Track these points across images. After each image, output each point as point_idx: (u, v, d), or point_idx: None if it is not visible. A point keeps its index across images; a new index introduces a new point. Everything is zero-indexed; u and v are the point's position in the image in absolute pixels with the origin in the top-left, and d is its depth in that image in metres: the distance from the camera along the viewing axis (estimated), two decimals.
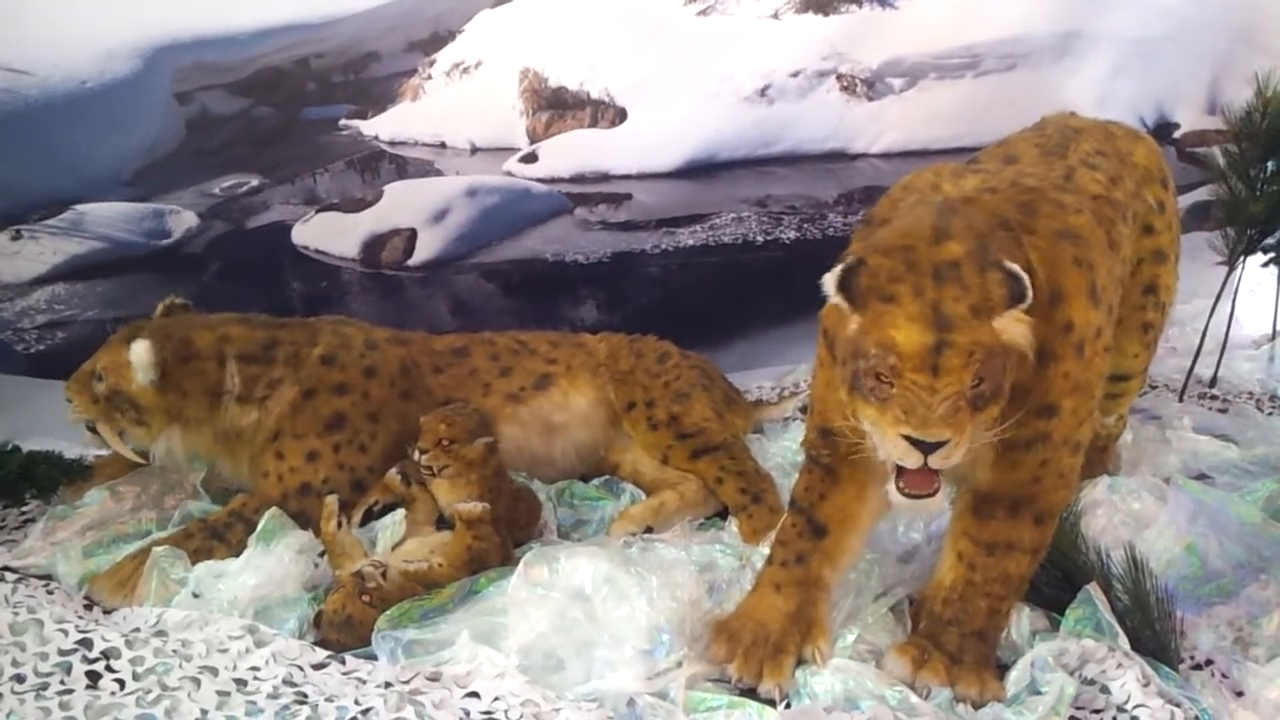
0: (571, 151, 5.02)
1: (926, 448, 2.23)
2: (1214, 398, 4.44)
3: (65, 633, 2.70)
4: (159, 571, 3.05)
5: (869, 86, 5.00)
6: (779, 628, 2.65)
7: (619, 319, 4.78)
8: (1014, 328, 2.25)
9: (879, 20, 4.92)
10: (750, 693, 2.56)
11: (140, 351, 3.36)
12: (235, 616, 2.84)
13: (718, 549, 3.17)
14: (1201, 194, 4.69)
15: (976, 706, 2.50)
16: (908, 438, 2.23)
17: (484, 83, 4.98)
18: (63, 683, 2.54)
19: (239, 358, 3.50)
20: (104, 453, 3.69)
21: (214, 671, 2.61)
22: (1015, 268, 2.23)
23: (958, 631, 2.61)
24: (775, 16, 4.92)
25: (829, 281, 2.31)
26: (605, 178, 5.05)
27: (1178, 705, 2.40)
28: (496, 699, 2.53)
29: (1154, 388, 4.47)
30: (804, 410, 3.96)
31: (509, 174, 5.02)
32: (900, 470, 2.34)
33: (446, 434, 3.24)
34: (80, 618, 2.84)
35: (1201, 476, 3.53)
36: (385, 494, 3.45)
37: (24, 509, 3.61)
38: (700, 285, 5.09)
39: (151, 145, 4.84)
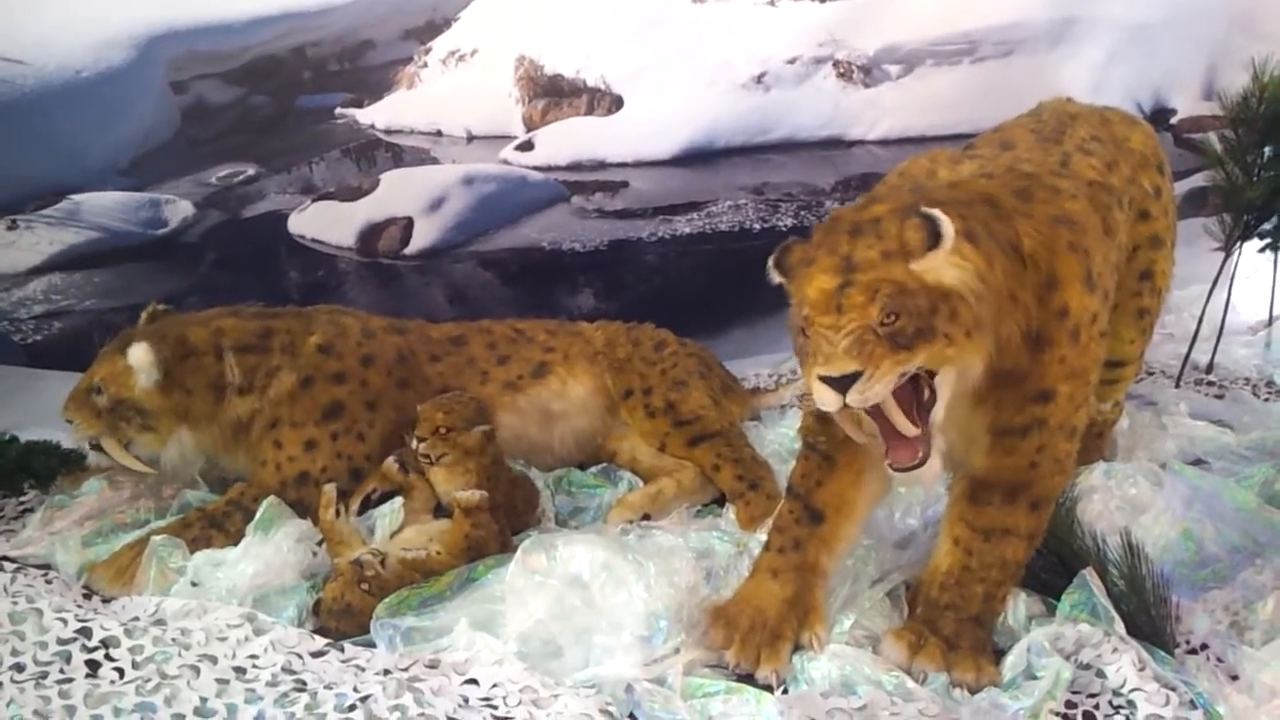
0: (568, 139, 5.02)
1: (839, 384, 2.23)
2: (1210, 383, 4.44)
3: (64, 622, 2.70)
4: (157, 560, 3.05)
5: (866, 73, 5.00)
6: (776, 614, 2.66)
7: (616, 307, 4.78)
8: (947, 271, 2.26)
9: (875, 6, 4.92)
10: (748, 678, 2.57)
11: (140, 353, 3.35)
12: (234, 605, 2.84)
13: (715, 536, 3.17)
14: (1198, 180, 4.68)
15: (972, 691, 2.51)
16: (822, 379, 2.25)
17: (480, 70, 4.98)
18: (62, 671, 2.55)
19: (235, 349, 3.50)
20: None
21: (213, 660, 2.61)
22: (934, 213, 2.24)
23: (954, 617, 2.62)
24: (771, 3, 4.91)
25: (769, 264, 2.41)
26: (602, 165, 5.04)
27: (1173, 689, 2.41)
28: (495, 685, 2.54)
29: (1150, 374, 4.47)
30: (801, 397, 3.97)
31: (505, 162, 5.02)
32: (888, 448, 2.37)
33: (444, 422, 3.25)
34: (79, 607, 2.85)
35: (1198, 462, 3.54)
36: (383, 482, 3.46)
37: (22, 499, 3.62)
38: (697, 273, 5.10)
39: (147, 134, 4.83)
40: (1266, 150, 4.05)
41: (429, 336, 3.82)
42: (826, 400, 2.27)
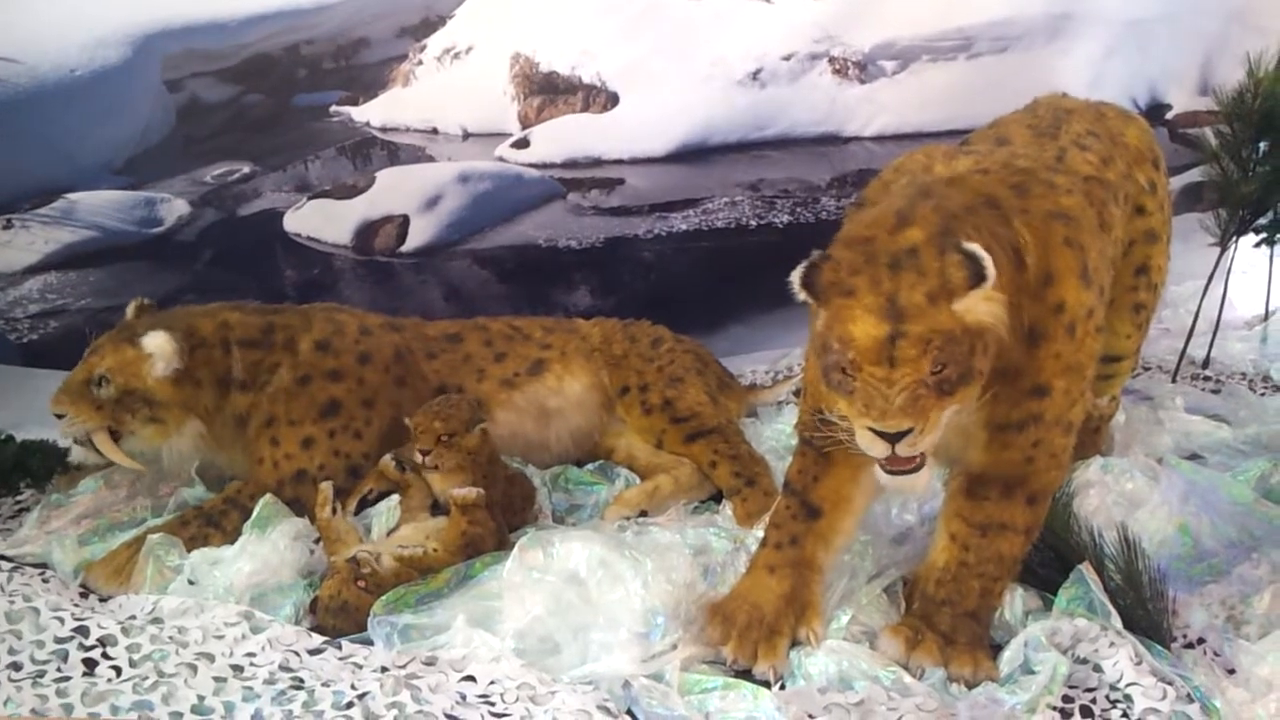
0: (563, 136, 5.01)
1: (891, 438, 2.25)
2: (1206, 378, 4.45)
3: (61, 620, 2.71)
4: (154, 559, 3.05)
5: (861, 69, 5.00)
6: (773, 610, 2.66)
7: (612, 304, 4.78)
8: (982, 307, 2.24)
9: (871, 2, 4.92)
10: (745, 674, 2.57)
11: (161, 341, 3.33)
12: (231, 603, 2.84)
13: (712, 532, 3.18)
14: (1194, 175, 4.69)
15: (970, 686, 2.51)
16: (872, 429, 2.25)
17: (475, 68, 4.97)
18: (59, 670, 2.55)
19: (240, 343, 3.49)
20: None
21: (210, 658, 2.61)
22: (974, 248, 2.21)
23: (951, 612, 2.62)
24: None
25: (794, 278, 2.32)
26: (597, 163, 5.04)
27: (1170, 683, 2.42)
28: (492, 682, 2.54)
29: (1147, 369, 4.48)
30: (797, 394, 3.97)
31: (501, 160, 5.02)
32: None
33: (444, 429, 3.22)
34: (76, 605, 2.85)
35: (1194, 456, 3.54)
36: (380, 482, 3.46)
37: (19, 498, 3.62)
38: (693, 270, 5.09)
39: (142, 133, 4.83)
40: (1262, 145, 4.05)
41: (425, 334, 3.82)
42: (876, 450, 2.29)
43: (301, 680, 2.55)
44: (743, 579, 2.80)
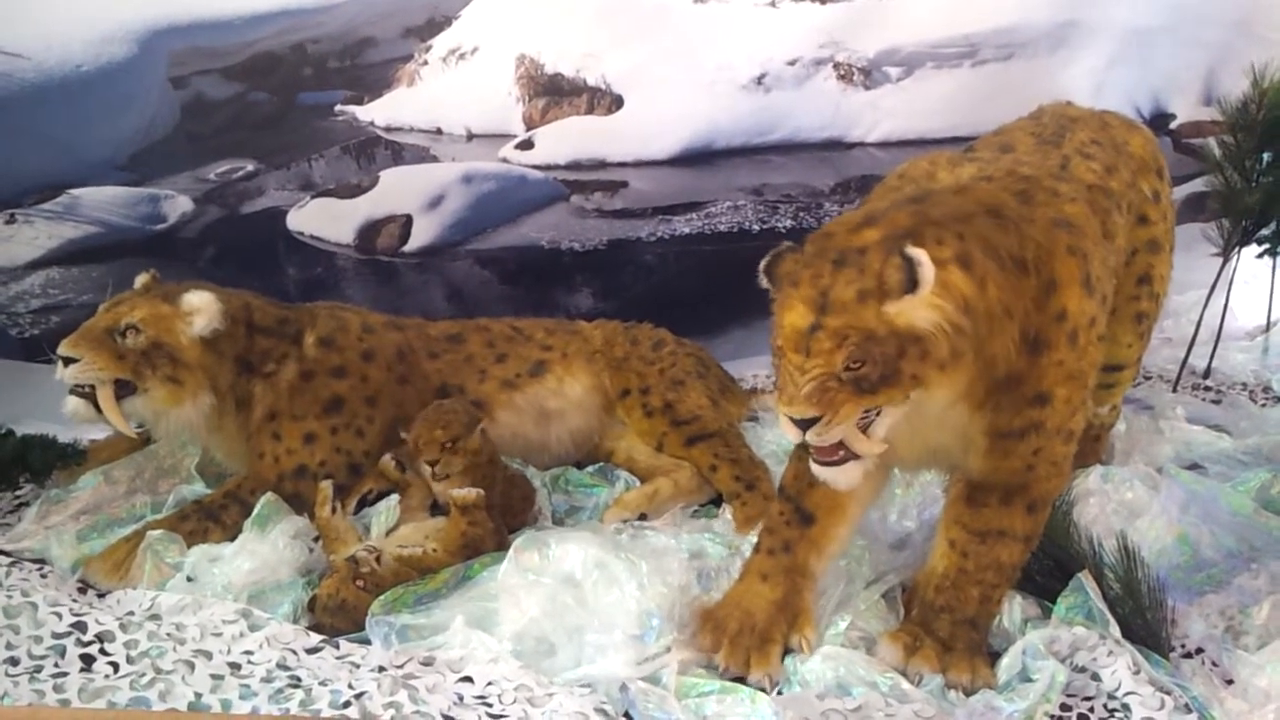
0: (568, 138, 5.02)
1: (800, 424, 2.30)
2: (1208, 388, 4.45)
3: (59, 616, 2.70)
4: (153, 555, 3.05)
5: (866, 75, 5.00)
6: (765, 617, 2.66)
7: (615, 306, 4.77)
8: (920, 313, 2.25)
9: (876, 9, 4.92)
10: (740, 679, 2.57)
11: (208, 299, 3.33)
12: (229, 600, 2.84)
13: (708, 537, 3.17)
14: (1197, 185, 4.68)
15: (968, 693, 2.51)
16: (785, 414, 2.32)
17: (480, 69, 4.97)
18: (57, 665, 2.55)
19: (258, 328, 3.49)
20: (98, 436, 3.68)
21: (208, 655, 2.61)
22: (916, 253, 2.22)
23: (950, 619, 2.62)
24: (772, 4, 4.91)
25: (761, 266, 2.42)
26: (602, 165, 5.04)
27: (1168, 693, 2.42)
28: (489, 683, 2.53)
29: (1148, 378, 4.48)
30: None
31: (505, 161, 5.02)
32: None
33: (446, 436, 3.21)
34: (74, 601, 2.84)
35: (1194, 466, 3.54)
36: (379, 481, 3.45)
37: (18, 493, 3.60)
38: (696, 273, 5.09)
39: (146, 130, 4.83)
40: (1265, 156, 4.05)
41: (427, 334, 3.82)
42: (789, 434, 2.35)
43: (299, 679, 2.55)
44: (735, 585, 2.80)
